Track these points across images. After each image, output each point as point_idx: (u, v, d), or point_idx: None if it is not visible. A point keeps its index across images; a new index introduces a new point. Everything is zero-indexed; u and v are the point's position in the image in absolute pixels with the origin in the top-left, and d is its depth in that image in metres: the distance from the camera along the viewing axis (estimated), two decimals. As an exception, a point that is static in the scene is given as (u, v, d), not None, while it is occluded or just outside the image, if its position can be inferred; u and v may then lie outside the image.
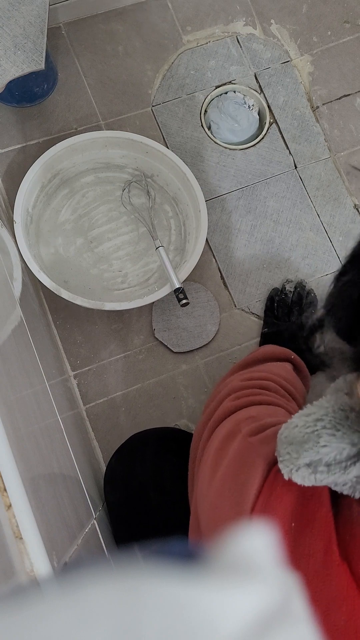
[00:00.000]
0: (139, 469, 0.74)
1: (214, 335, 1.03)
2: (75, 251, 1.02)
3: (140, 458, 0.75)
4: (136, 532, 0.73)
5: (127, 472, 0.75)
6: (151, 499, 0.71)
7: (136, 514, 0.73)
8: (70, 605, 0.15)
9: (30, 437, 0.56)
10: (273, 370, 0.75)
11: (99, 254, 1.03)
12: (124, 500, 0.75)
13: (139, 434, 0.81)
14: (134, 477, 0.74)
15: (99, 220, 1.05)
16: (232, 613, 0.15)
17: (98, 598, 0.15)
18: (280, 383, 0.72)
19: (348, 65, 1.18)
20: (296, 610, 0.17)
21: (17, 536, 0.43)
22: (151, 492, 0.72)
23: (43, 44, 0.91)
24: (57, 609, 0.15)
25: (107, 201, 1.05)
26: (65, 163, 1.00)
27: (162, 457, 0.74)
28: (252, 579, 0.16)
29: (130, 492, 0.74)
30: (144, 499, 0.72)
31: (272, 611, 0.16)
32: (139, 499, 0.73)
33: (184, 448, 0.78)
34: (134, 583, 0.15)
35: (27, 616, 0.14)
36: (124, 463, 0.77)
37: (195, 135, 1.11)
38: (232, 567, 0.17)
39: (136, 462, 0.75)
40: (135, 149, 1.01)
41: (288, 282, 1.05)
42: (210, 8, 1.18)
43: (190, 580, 0.16)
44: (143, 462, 0.74)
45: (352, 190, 1.13)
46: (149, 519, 0.71)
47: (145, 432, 0.81)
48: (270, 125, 1.14)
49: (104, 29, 1.14)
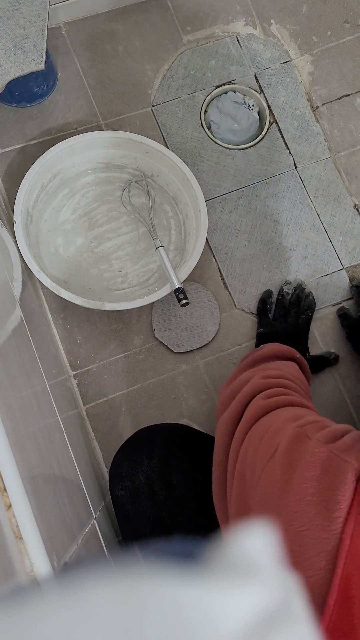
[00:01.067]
0: (145, 464, 0.74)
1: (214, 335, 1.03)
2: (75, 251, 1.02)
3: (146, 453, 0.75)
4: (141, 526, 0.73)
5: (132, 467, 0.75)
6: (157, 493, 0.71)
7: (142, 509, 0.73)
8: (70, 605, 0.15)
9: (30, 437, 0.56)
10: (286, 369, 0.75)
11: (99, 253, 1.03)
12: (130, 494, 0.74)
13: (145, 429, 0.81)
14: (140, 471, 0.74)
15: (99, 220, 1.04)
16: (232, 613, 0.15)
17: (98, 598, 0.15)
18: (296, 382, 0.72)
19: (348, 65, 1.18)
20: (296, 610, 0.17)
21: (17, 536, 0.43)
22: (157, 486, 0.72)
23: (43, 44, 0.91)
24: (57, 609, 0.15)
25: (107, 201, 1.05)
26: (66, 163, 1.00)
27: (169, 452, 0.74)
28: (252, 579, 0.16)
29: (136, 486, 0.74)
30: (149, 493, 0.72)
31: (272, 611, 0.16)
32: (145, 494, 0.73)
33: (190, 443, 0.78)
34: (134, 583, 0.15)
35: (27, 616, 0.14)
36: (130, 457, 0.77)
37: (195, 135, 1.11)
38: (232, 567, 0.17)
39: (142, 457, 0.75)
40: (135, 149, 1.01)
41: (286, 283, 1.05)
42: (210, 8, 1.18)
43: (191, 580, 0.16)
44: (150, 456, 0.74)
45: (352, 190, 1.13)
46: (155, 514, 0.71)
47: (151, 427, 0.81)
48: (270, 125, 1.14)
49: (104, 29, 1.14)
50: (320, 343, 1.05)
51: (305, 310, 1.00)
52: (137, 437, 0.79)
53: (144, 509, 0.72)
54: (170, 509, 0.70)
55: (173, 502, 0.71)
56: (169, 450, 0.74)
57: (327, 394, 1.03)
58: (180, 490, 0.71)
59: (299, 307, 1.01)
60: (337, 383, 1.04)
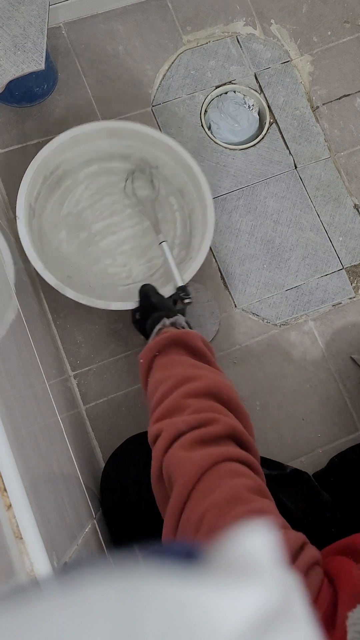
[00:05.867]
0: (133, 472, 0.73)
1: (214, 335, 1.03)
2: (78, 245, 1.00)
3: (133, 461, 0.74)
4: (133, 536, 0.72)
5: (121, 477, 0.75)
6: (146, 501, 0.71)
7: (132, 518, 0.72)
8: (70, 605, 0.15)
9: (30, 437, 0.56)
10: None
11: (102, 248, 1.01)
12: (120, 505, 0.74)
13: (131, 438, 0.80)
14: (128, 480, 0.73)
15: (102, 213, 1.03)
16: (233, 613, 0.15)
17: (98, 598, 0.15)
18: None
19: (348, 65, 1.18)
20: (296, 610, 0.17)
21: (17, 536, 0.43)
22: (145, 494, 0.71)
23: (43, 44, 0.91)
24: (57, 608, 0.15)
25: (110, 193, 1.03)
26: (68, 154, 0.98)
27: None
28: (253, 579, 0.16)
29: (126, 496, 0.73)
30: (139, 502, 0.71)
31: (272, 611, 0.16)
32: (135, 503, 0.72)
33: None
34: (134, 583, 0.15)
35: (27, 616, 0.14)
36: (119, 467, 0.76)
37: (195, 135, 1.11)
38: (233, 567, 0.17)
39: (130, 466, 0.74)
40: (140, 140, 0.99)
41: None
42: (210, 8, 1.18)
43: (191, 580, 0.16)
44: (137, 465, 0.73)
45: (352, 190, 1.13)
46: (145, 522, 0.71)
47: (137, 435, 0.81)
48: (270, 125, 1.14)
49: (104, 29, 1.14)
50: (321, 343, 1.05)
51: None
52: (124, 447, 0.78)
53: (134, 518, 0.72)
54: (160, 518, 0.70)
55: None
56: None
57: (328, 394, 1.03)
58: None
59: None
60: (337, 383, 1.04)
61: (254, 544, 0.18)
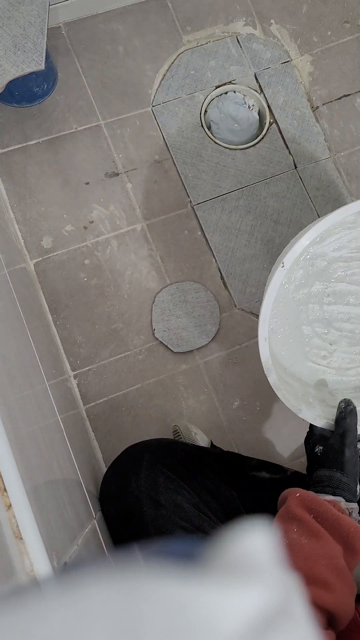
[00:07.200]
0: (133, 484, 0.73)
1: (214, 335, 1.03)
2: (305, 296, 0.83)
3: (134, 472, 0.74)
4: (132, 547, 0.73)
5: (121, 488, 0.74)
6: (145, 513, 0.71)
7: (131, 530, 0.72)
8: (70, 605, 0.15)
9: (31, 437, 0.56)
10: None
11: (326, 312, 0.84)
12: (120, 516, 0.74)
13: (132, 447, 0.80)
14: (128, 492, 0.73)
15: (345, 275, 0.85)
16: (232, 613, 0.15)
17: (98, 598, 0.15)
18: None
19: (348, 65, 1.18)
20: (296, 610, 0.17)
21: (17, 536, 0.43)
22: (145, 506, 0.71)
23: (43, 44, 0.91)
24: (57, 608, 0.15)
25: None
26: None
27: (156, 471, 0.73)
28: (252, 579, 0.16)
29: (125, 507, 0.73)
30: (138, 514, 0.71)
31: (272, 611, 0.16)
32: (134, 515, 0.72)
33: (176, 459, 0.77)
34: (134, 583, 0.15)
35: (27, 616, 0.14)
36: (118, 478, 0.76)
37: (195, 135, 1.11)
38: (233, 567, 0.17)
39: (130, 476, 0.74)
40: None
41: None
42: (210, 8, 1.18)
43: (191, 580, 0.16)
44: (137, 476, 0.73)
45: (352, 190, 1.13)
46: (144, 534, 0.70)
47: (138, 444, 0.80)
48: (270, 125, 1.14)
49: (104, 29, 1.14)
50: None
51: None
52: (124, 456, 0.78)
53: (133, 530, 0.72)
54: (159, 529, 0.70)
55: (162, 521, 0.70)
56: (156, 468, 0.73)
57: (327, 394, 1.03)
58: (168, 509, 0.70)
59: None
60: (337, 383, 1.04)
61: (254, 544, 0.18)
